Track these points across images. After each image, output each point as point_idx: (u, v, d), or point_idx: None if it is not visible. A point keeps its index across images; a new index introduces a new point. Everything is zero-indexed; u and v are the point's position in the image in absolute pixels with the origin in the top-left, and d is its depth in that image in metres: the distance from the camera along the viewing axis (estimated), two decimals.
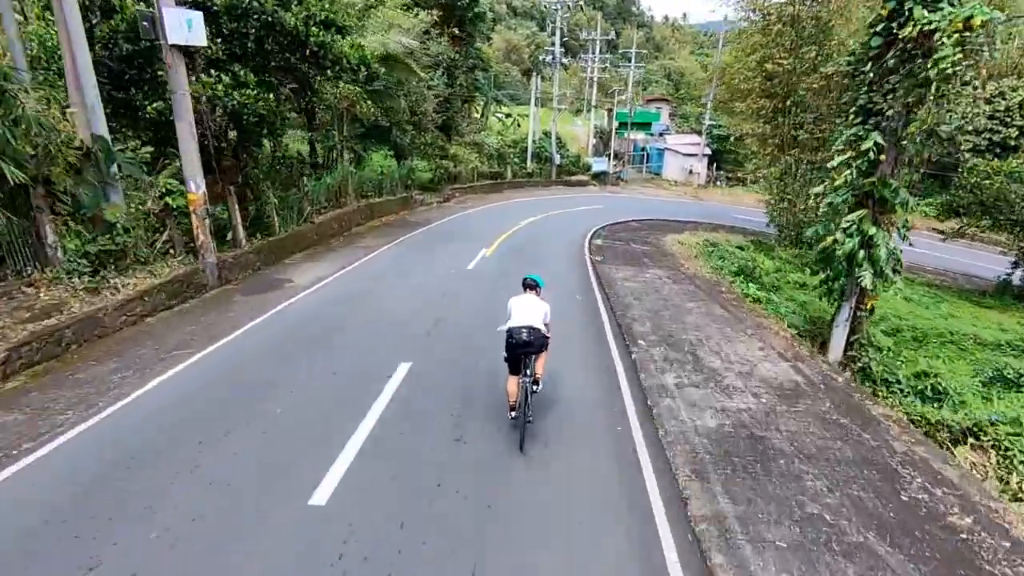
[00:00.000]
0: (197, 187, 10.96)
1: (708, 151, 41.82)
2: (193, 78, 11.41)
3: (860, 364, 9.69)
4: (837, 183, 10.03)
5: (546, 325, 6.30)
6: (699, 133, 48.02)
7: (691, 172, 41.57)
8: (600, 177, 40.51)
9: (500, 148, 34.79)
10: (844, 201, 10.07)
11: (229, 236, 13.51)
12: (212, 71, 11.82)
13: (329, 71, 13.69)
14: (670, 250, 20.59)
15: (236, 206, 13.30)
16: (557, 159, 37.25)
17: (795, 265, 25.48)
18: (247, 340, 8.92)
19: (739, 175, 43.93)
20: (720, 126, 43.27)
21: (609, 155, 43.07)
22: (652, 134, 52.03)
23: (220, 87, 11.67)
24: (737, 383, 7.94)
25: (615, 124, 50.97)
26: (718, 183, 42.83)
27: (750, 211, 37.40)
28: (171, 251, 11.21)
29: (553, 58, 34.18)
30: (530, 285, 6.67)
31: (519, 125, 44.04)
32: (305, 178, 17.86)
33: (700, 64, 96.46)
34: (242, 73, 12.43)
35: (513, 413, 6.28)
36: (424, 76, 27.67)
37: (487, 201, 29.22)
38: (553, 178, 37.82)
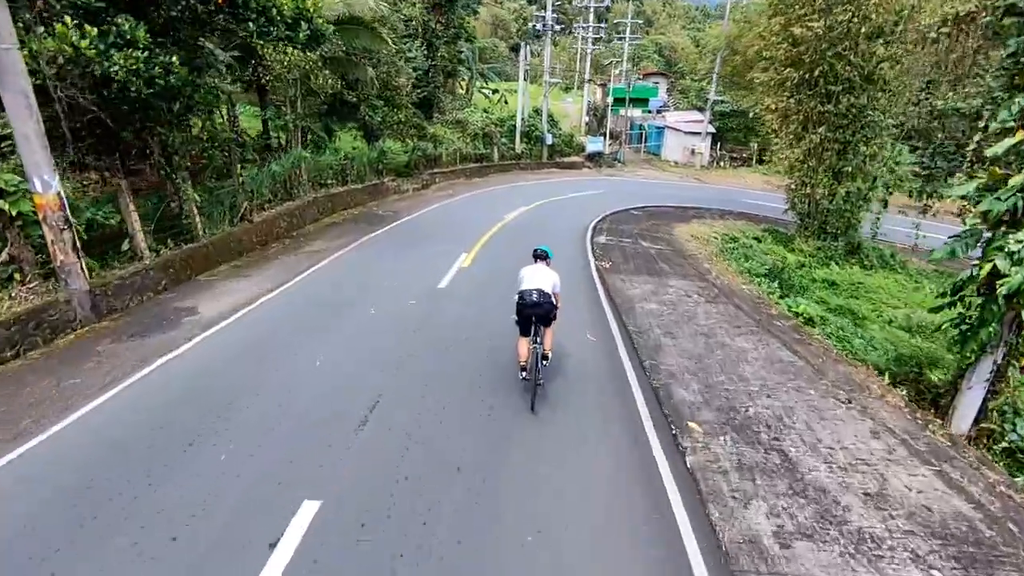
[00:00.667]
0: (46, 186, 7.69)
1: (712, 129, 38.63)
2: (40, 30, 8.07)
3: (1004, 443, 6.71)
4: (1012, 181, 6.50)
5: (555, 294, 6.69)
6: (701, 109, 44.73)
7: (693, 152, 38.44)
8: (595, 158, 37.26)
9: (486, 127, 31.37)
10: (1010, 208, 6.53)
11: (126, 246, 10.30)
12: (74, 21, 8.43)
13: (252, 24, 10.32)
14: (686, 248, 17.61)
15: (131, 206, 10.03)
16: (549, 139, 33.92)
17: (818, 259, 22.63)
18: (69, 443, 5.48)
19: (744, 155, 40.84)
20: (724, 102, 40.04)
21: (604, 134, 39.75)
22: (650, 111, 48.62)
23: (86, 44, 8.31)
24: (874, 526, 4.82)
25: (610, 100, 47.48)
26: (722, 164, 39.74)
27: (758, 194, 34.50)
28: (16, 276, 8.00)
29: (544, 26, 30.64)
30: (540, 255, 7.17)
31: (506, 102, 40.52)
32: (243, 166, 14.55)
33: (692, 39, 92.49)
34: (127, 28, 9.05)
35: (524, 373, 6.54)
36: (397, 45, 24.14)
37: (471, 187, 25.93)
38: (544, 160, 34.50)
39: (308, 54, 16.55)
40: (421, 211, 19.30)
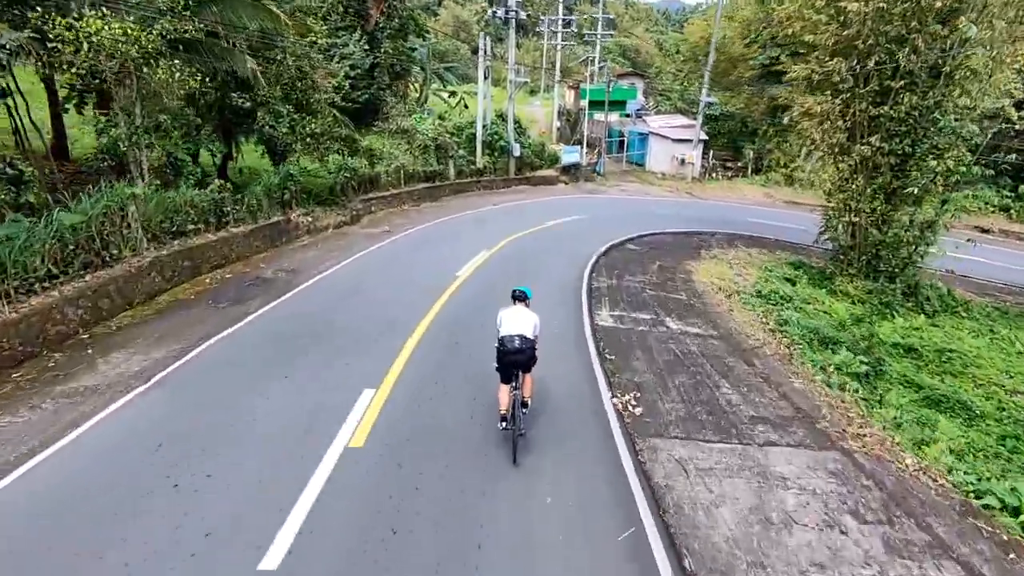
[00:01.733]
0: None
1: (704, 136, 33.50)
2: None
3: None
4: None
5: (535, 336, 6.27)
6: (687, 113, 39.68)
7: (683, 162, 33.26)
8: (572, 171, 31.65)
9: (438, 137, 25.34)
10: None
11: None
12: None
13: None
14: (718, 311, 12.07)
15: None
16: (517, 149, 28.11)
17: (872, 307, 17.38)
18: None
19: (739, 164, 35.89)
20: (714, 104, 34.99)
21: (580, 142, 34.18)
22: (628, 114, 43.34)
23: None
24: None
25: (584, 103, 42.08)
26: (714, 175, 34.72)
27: (762, 212, 29.48)
28: None
29: (507, 11, 24.82)
30: (519, 297, 6.64)
31: (466, 106, 34.64)
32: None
33: (656, 42, 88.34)
34: None
35: (503, 424, 6.15)
36: (317, 32, 18.02)
37: (417, 219, 19.79)
38: (512, 175, 28.66)
39: (133, 32, 10.35)
40: (332, 268, 13.04)
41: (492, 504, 5.39)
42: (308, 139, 16.87)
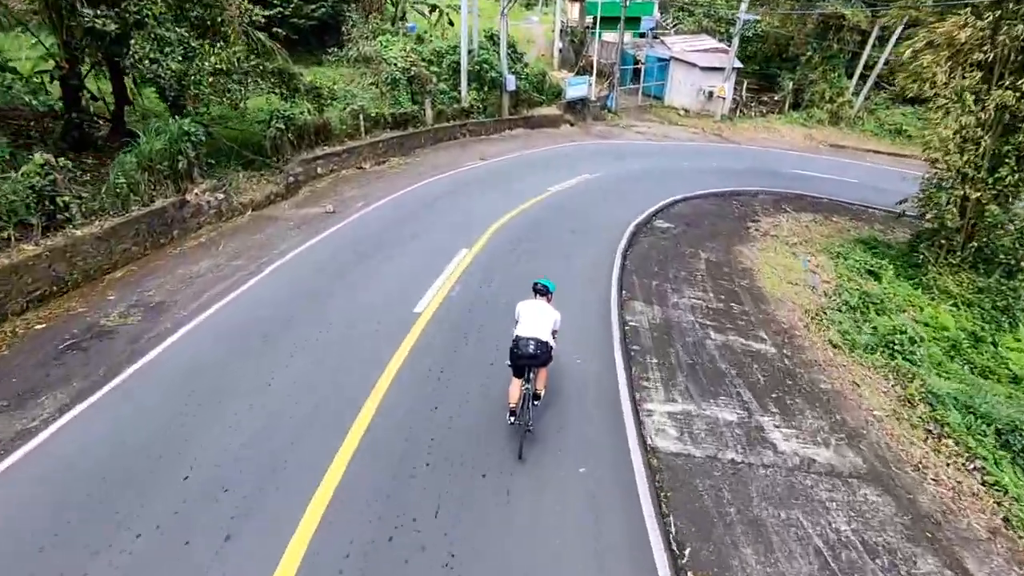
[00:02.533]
0: None
1: (738, 64, 27.59)
2: None
3: None
4: None
5: (554, 333, 5.95)
6: (713, 33, 33.30)
7: (711, 96, 27.65)
8: (578, 108, 26.10)
9: (412, 67, 19.76)
10: None
11: None
12: None
13: None
14: (832, 381, 7.60)
15: None
16: (511, 82, 22.52)
17: (984, 311, 13.15)
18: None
19: (776, 98, 30.19)
20: (751, 22, 28.76)
21: (587, 70, 28.26)
22: (643, 34, 36.75)
23: None
24: None
25: (588, 20, 35.46)
26: (746, 111, 29.18)
27: (806, 158, 24.49)
28: None
29: None
30: (540, 291, 6.14)
31: (451, 23, 28.40)
32: None
33: None
34: None
35: (512, 418, 5.85)
36: None
37: (375, 189, 14.75)
38: (506, 114, 23.23)
39: None
40: (223, 299, 8.35)
41: None
42: (210, 78, 11.68)
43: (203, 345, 7.26)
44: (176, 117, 11.98)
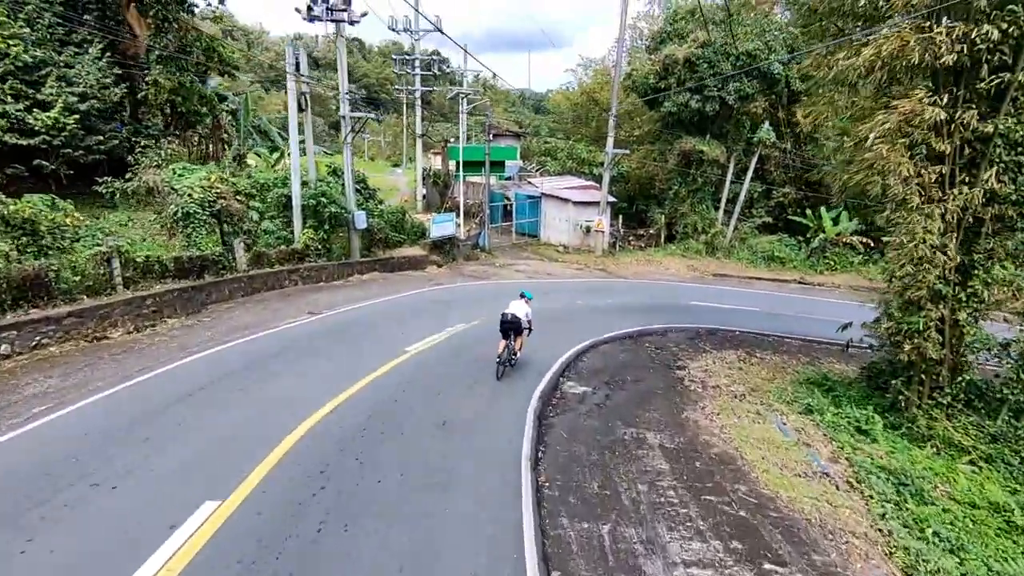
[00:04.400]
0: None
1: (612, 199, 26.44)
2: None
3: None
4: None
5: (528, 318, 9.87)
6: (579, 173, 33.02)
7: (588, 231, 25.82)
8: (446, 247, 22.47)
9: (218, 199, 14.74)
10: None
11: None
12: None
13: None
14: None
15: None
16: (361, 219, 18.30)
17: (1013, 467, 9.69)
18: None
19: (650, 231, 29.27)
20: (627, 154, 28.36)
21: (456, 211, 25.34)
22: (509, 177, 35.96)
23: None
24: None
25: (452, 165, 34.01)
26: (624, 245, 27.69)
27: (696, 289, 22.37)
28: None
29: (328, 7, 15.67)
30: (522, 295, 10.28)
31: (284, 156, 24.49)
32: None
33: (515, 121, 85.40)
34: None
35: (498, 359, 9.71)
36: None
37: (101, 375, 8.72)
38: (357, 257, 18.64)
39: None
40: None
41: None
42: None
43: None
44: None
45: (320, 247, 17.28)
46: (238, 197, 15.82)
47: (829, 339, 15.83)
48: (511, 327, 9.50)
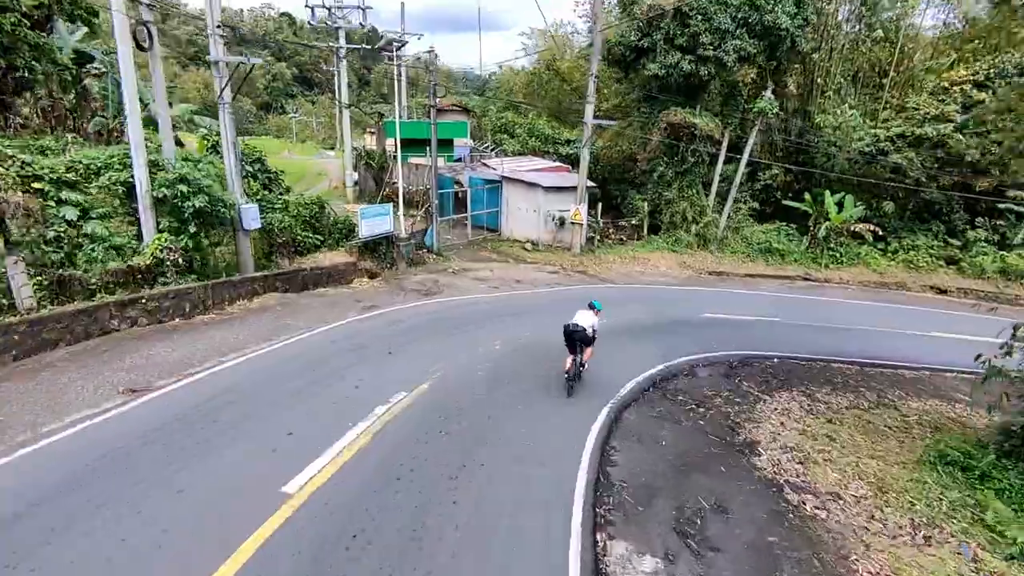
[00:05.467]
0: None
1: (591, 184, 21.39)
2: None
3: None
4: None
5: (594, 329, 9.04)
6: (543, 154, 27.87)
7: (563, 223, 20.89)
8: (382, 250, 16.91)
9: None
10: None
11: None
12: None
13: None
14: None
15: None
16: (252, 216, 12.57)
17: None
18: None
19: (632, 222, 24.53)
20: (610, 123, 23.31)
21: (394, 201, 19.64)
22: (458, 159, 30.35)
23: None
24: None
25: (389, 143, 28.15)
26: (606, 239, 22.91)
27: (694, 290, 17.94)
28: None
29: None
30: (590, 305, 9.44)
31: (180, 143, 17.95)
32: None
33: (460, 102, 78.96)
34: None
35: (567, 375, 9.01)
36: None
37: None
38: (250, 271, 12.90)
39: None
40: None
41: None
42: None
43: None
44: None
45: (182, 260, 11.41)
46: (32, 186, 9.79)
47: (882, 360, 13.14)
48: (575, 337, 8.91)
